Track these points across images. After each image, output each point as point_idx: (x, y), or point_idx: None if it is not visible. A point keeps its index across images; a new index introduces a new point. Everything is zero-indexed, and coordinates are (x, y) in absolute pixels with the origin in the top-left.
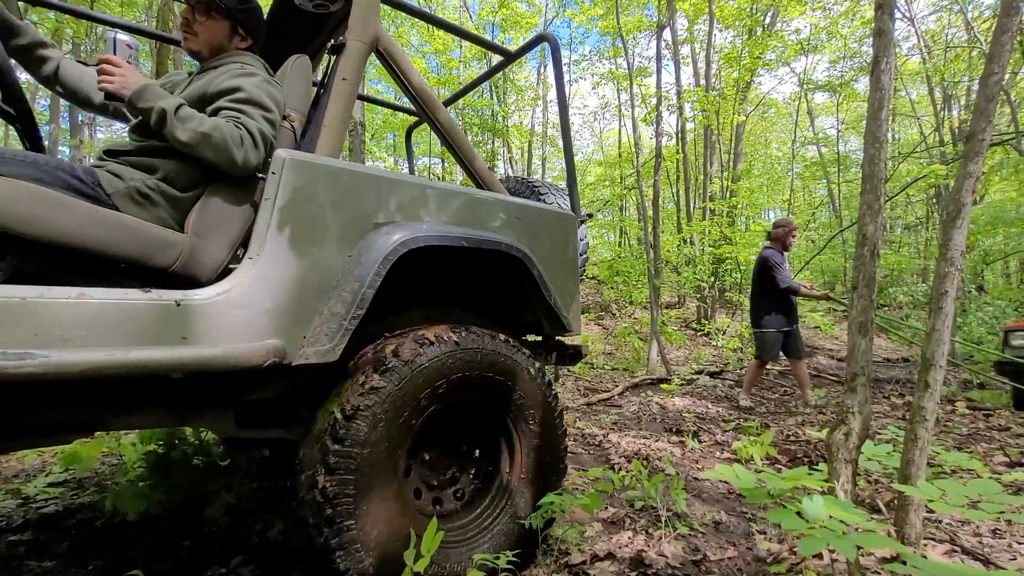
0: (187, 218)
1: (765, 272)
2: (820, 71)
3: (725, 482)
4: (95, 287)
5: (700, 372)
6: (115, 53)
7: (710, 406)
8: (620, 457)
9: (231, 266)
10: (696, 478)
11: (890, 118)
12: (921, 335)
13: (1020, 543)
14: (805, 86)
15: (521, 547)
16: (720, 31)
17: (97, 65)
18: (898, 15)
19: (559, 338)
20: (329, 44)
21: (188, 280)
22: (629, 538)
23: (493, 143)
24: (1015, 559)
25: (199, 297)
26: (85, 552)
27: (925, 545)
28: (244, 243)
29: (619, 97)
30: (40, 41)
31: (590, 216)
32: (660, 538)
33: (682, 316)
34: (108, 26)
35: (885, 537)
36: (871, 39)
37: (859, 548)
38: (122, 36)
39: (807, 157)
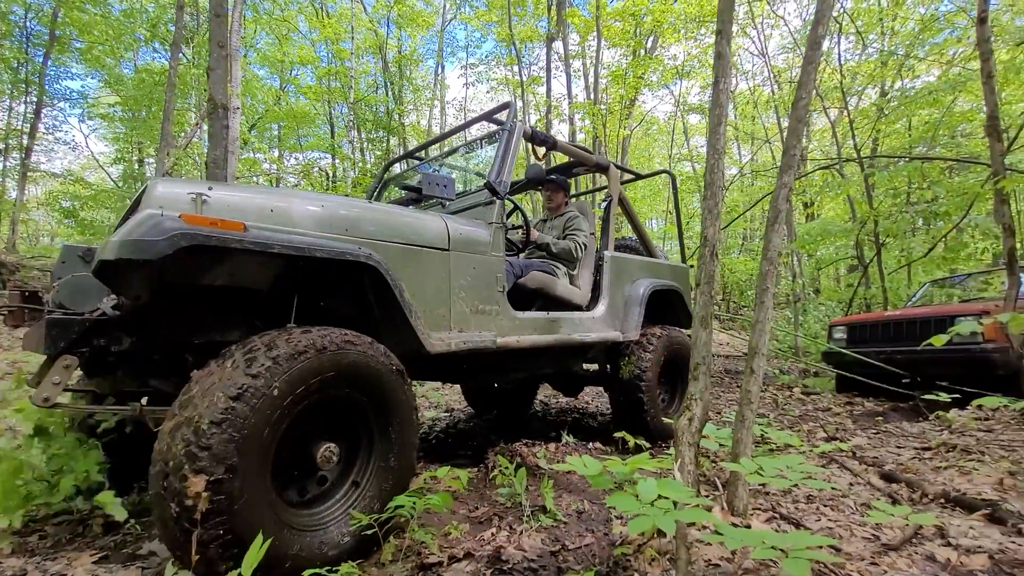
0: (575, 280)
1: None
2: (694, 94)
3: None
4: (553, 311)
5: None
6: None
7: (589, 401)
8: (496, 455)
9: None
10: (556, 470)
11: (751, 141)
12: (772, 333)
13: (826, 506)
14: (681, 107)
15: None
16: (608, 48)
17: (530, 228)
18: (755, 51)
19: None
20: (602, 200)
21: (577, 307)
22: (492, 535)
23: (388, 142)
24: (819, 520)
25: (596, 314)
26: None
27: (752, 514)
28: (593, 290)
29: (516, 103)
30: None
31: (691, 267)
32: (522, 532)
33: None
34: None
35: (701, 511)
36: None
37: (689, 522)
38: (532, 219)
39: (683, 172)
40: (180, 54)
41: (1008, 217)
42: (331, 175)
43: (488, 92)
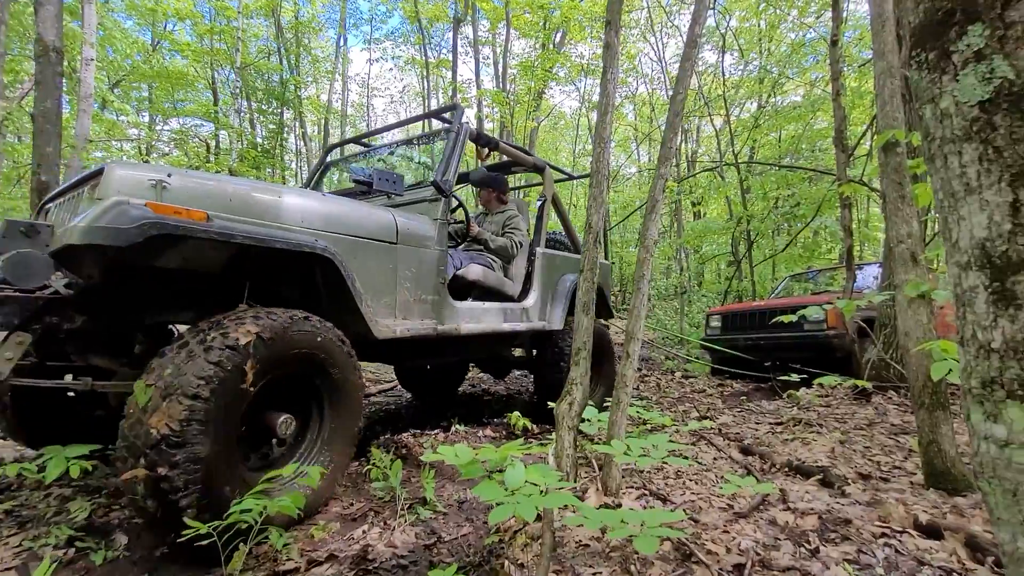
0: (508, 273)
1: None
2: (598, 93)
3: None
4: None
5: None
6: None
7: (489, 388)
8: (373, 448)
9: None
10: (434, 460)
11: (649, 143)
12: (661, 322)
13: (692, 480)
14: (586, 104)
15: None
16: (518, 39)
17: (471, 224)
18: (654, 57)
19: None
20: (539, 200)
21: (510, 298)
22: (363, 533)
23: (282, 114)
24: (684, 494)
25: (527, 305)
26: None
27: (624, 493)
28: (524, 283)
29: (424, 85)
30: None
31: (613, 264)
32: (395, 528)
33: None
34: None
35: (566, 495)
36: (603, 52)
37: (560, 506)
38: (473, 213)
39: (587, 167)
40: None
41: (848, 220)
42: (212, 145)
43: (391, 70)
